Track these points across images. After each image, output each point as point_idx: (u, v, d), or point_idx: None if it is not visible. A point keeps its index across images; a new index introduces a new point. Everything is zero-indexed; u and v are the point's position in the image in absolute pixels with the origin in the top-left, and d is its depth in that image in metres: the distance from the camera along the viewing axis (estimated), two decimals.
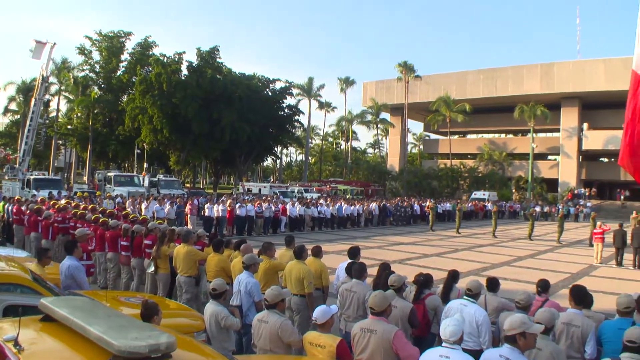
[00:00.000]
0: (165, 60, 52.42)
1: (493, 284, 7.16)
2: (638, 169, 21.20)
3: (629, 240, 20.54)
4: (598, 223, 22.73)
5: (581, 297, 6.15)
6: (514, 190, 66.85)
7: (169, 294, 10.13)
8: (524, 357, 4.32)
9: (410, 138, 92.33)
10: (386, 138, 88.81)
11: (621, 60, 60.65)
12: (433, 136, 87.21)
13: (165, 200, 26.13)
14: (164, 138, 51.26)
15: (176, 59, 53.46)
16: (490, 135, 79.90)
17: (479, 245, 25.44)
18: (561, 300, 9.89)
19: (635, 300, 6.08)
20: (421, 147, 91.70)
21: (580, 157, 67.82)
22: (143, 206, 24.10)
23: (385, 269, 7.72)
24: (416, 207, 37.92)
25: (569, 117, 66.44)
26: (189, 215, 25.37)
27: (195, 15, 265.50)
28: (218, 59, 55.62)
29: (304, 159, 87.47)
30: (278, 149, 70.75)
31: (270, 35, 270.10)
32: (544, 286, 7.25)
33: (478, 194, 54.86)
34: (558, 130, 68.08)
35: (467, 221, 40.26)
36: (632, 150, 20.29)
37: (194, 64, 53.35)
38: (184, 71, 53.42)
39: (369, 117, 77.90)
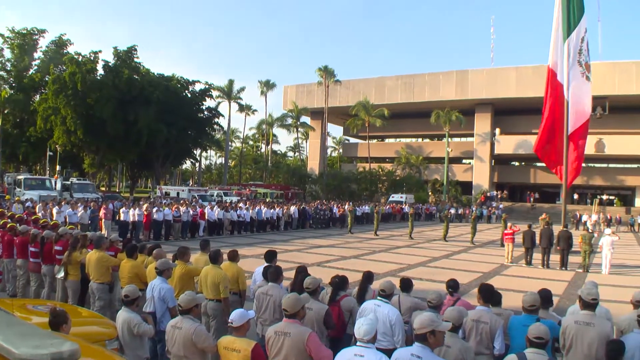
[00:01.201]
0: (80, 59, 50.75)
1: (406, 285, 7.35)
2: (551, 157, 22.15)
3: (537, 241, 21.50)
4: (508, 224, 23.66)
5: (489, 295, 6.41)
6: (430, 193, 68.59)
7: (80, 301, 9.80)
8: (434, 354, 4.44)
9: (330, 142, 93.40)
10: (306, 141, 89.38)
11: (532, 68, 63.49)
12: (352, 140, 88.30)
13: (79, 204, 25.22)
14: (77, 140, 49.60)
15: (92, 58, 51.81)
16: (408, 140, 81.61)
17: (396, 246, 25.97)
18: (473, 299, 10.21)
19: (541, 297, 6.37)
20: (341, 150, 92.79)
21: (493, 161, 70.39)
22: (55, 211, 23.13)
23: (301, 271, 7.75)
24: (335, 210, 38.30)
25: (483, 122, 68.90)
26: (103, 220, 24.65)
27: (114, 14, 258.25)
28: (136, 59, 54.43)
29: (223, 162, 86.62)
30: (197, 151, 69.90)
31: (191, 36, 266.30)
32: (454, 286, 7.50)
33: (396, 197, 55.99)
34: (472, 135, 70.34)
35: (385, 223, 41.01)
36: (547, 138, 21.29)
37: (110, 64, 51.90)
38: (100, 71, 51.91)
39: (290, 121, 77.97)
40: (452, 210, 51.06)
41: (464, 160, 76.46)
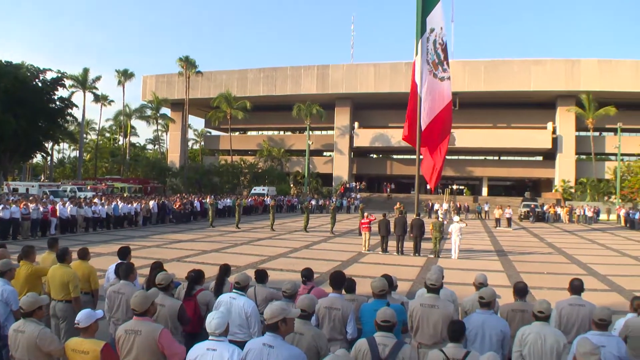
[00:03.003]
0: None
1: (261, 276, 7.41)
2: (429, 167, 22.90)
3: (392, 229, 22.47)
4: (365, 214, 24.53)
5: (339, 282, 6.60)
6: (292, 185, 69.41)
7: None
8: (286, 342, 4.49)
9: (191, 134, 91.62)
10: (167, 134, 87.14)
11: (390, 64, 66.22)
12: (214, 132, 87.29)
13: None
14: None
15: None
16: (270, 133, 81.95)
17: (258, 238, 26.05)
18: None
19: (388, 281, 6.68)
20: (202, 143, 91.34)
21: (352, 153, 72.54)
22: None
23: (156, 267, 7.58)
24: (197, 203, 37.73)
25: (342, 116, 70.86)
26: None
27: None
28: None
29: (78, 155, 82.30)
30: (49, 144, 65.82)
31: (43, 22, 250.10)
32: (308, 275, 7.66)
33: (258, 189, 56.16)
34: (332, 129, 72.09)
35: (247, 216, 41.06)
36: (410, 127, 21.92)
37: None
38: None
39: (149, 112, 75.55)
40: (313, 202, 52.04)
41: (324, 153, 78.09)
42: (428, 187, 66.52)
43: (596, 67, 62.70)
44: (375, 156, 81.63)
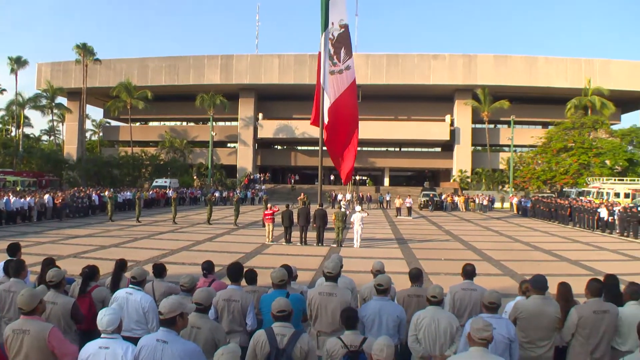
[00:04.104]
0: None
1: (159, 270, 7.25)
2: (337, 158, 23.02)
3: (295, 219, 22.60)
4: (268, 205, 24.55)
5: (236, 274, 6.58)
6: (195, 177, 68.35)
7: None
8: (180, 337, 4.42)
9: (89, 124, 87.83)
10: (63, 124, 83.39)
11: (294, 56, 66.36)
12: (114, 123, 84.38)
13: None
14: None
15: None
16: (173, 123, 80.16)
17: (160, 232, 25.49)
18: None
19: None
20: (101, 134, 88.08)
21: (256, 144, 72.23)
22: None
23: (48, 264, 7.26)
24: (95, 197, 36.40)
25: (246, 107, 70.32)
26: None
27: None
28: None
29: None
30: None
31: None
32: (208, 267, 7.59)
33: (160, 182, 54.84)
34: (236, 120, 71.46)
35: (149, 209, 40.08)
36: (316, 119, 21.97)
37: None
38: None
39: (44, 102, 71.85)
40: (217, 194, 51.51)
41: (228, 144, 77.29)
42: (332, 177, 67.76)
43: (492, 63, 65.66)
44: (279, 147, 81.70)
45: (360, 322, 5.83)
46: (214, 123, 67.92)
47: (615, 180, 47.56)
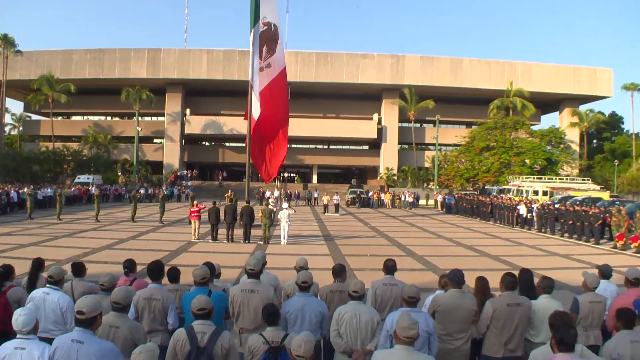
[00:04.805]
0: None
1: (78, 269, 7.07)
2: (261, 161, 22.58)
3: (222, 217, 22.44)
4: (195, 202, 24.27)
5: (157, 272, 6.49)
6: (119, 173, 66.68)
7: None
8: (96, 337, 4.34)
9: (8, 119, 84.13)
10: None
11: (223, 51, 65.76)
12: (35, 117, 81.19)
13: None
14: None
15: None
16: (97, 118, 77.90)
17: (82, 230, 24.77)
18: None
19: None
20: (21, 128, 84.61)
21: (183, 140, 71.19)
22: None
23: None
24: (14, 194, 34.95)
25: (173, 102, 69.15)
26: None
27: None
28: None
29: None
30: None
31: None
32: (129, 266, 7.44)
33: (82, 178, 53.18)
34: (163, 115, 70.19)
35: (71, 206, 38.85)
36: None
37: None
38: None
39: None
40: (142, 190, 50.50)
41: (154, 140, 75.75)
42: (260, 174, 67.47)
43: (419, 63, 67.15)
44: (207, 144, 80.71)
45: (283, 319, 5.87)
46: (139, 118, 66.43)
47: (534, 178, 49.47)
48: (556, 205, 30.68)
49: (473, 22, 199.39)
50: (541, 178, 50.30)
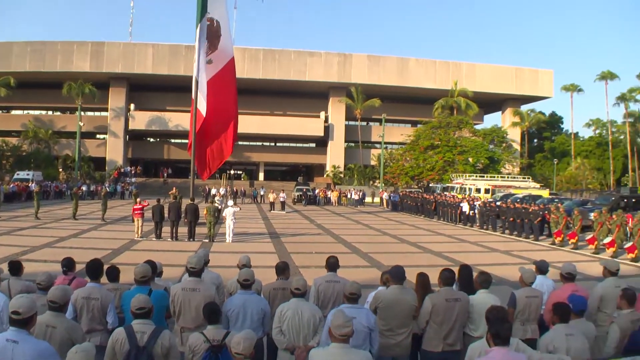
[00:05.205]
0: None
1: (15, 268, 6.91)
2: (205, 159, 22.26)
3: (166, 214, 22.16)
4: (138, 199, 23.87)
5: (95, 271, 6.35)
6: (60, 170, 64.97)
7: None
8: (32, 337, 4.21)
9: None
10: None
11: (169, 46, 64.84)
12: None
13: None
14: None
15: None
16: (37, 112, 75.55)
17: (20, 228, 24.07)
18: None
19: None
20: None
21: (127, 136, 69.87)
22: None
23: None
24: None
25: (117, 97, 67.73)
26: None
27: None
28: None
29: None
30: None
31: None
32: (68, 265, 7.29)
33: (22, 174, 51.52)
34: (106, 110, 68.65)
35: (9, 204, 37.63)
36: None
37: None
38: None
39: None
40: (84, 187, 49.45)
41: (97, 135, 74.05)
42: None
43: (365, 62, 67.80)
44: (152, 140, 79.36)
45: (224, 317, 5.86)
46: (82, 113, 64.81)
47: (476, 176, 50.57)
48: (498, 203, 31.49)
49: (420, 22, 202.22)
50: (483, 176, 51.46)
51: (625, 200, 29.90)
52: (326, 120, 69.63)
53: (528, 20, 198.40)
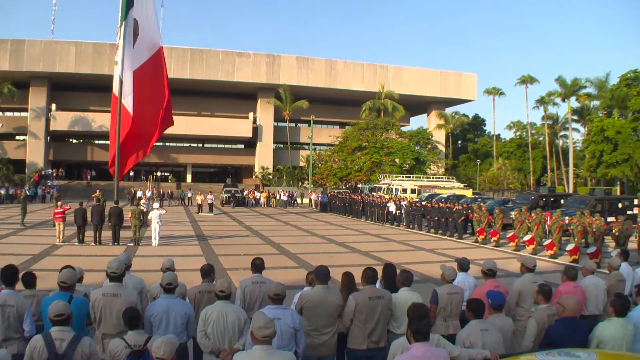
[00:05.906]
0: None
1: None
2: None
3: (89, 218, 21.53)
4: (59, 203, 23.12)
5: (10, 277, 6.14)
6: None
7: None
8: None
9: None
10: None
11: (92, 44, 62.94)
12: None
13: None
14: None
15: None
16: None
17: None
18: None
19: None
20: None
21: (49, 137, 67.38)
22: None
23: None
24: None
25: (38, 96, 65.12)
26: None
27: None
28: None
29: None
30: None
31: None
32: None
33: None
34: (26, 110, 65.95)
35: None
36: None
37: None
38: None
39: None
40: (2, 191, 47.53)
41: (17, 137, 71.15)
42: (132, 173, 65.39)
43: (294, 64, 67.91)
44: (74, 141, 76.85)
45: (148, 322, 5.77)
46: (0, 113, 62.20)
47: (403, 177, 51.53)
48: (423, 203, 32.23)
49: (347, 24, 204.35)
50: (410, 177, 52.51)
51: (544, 199, 31.14)
52: (255, 122, 69.33)
53: (452, 25, 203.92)
